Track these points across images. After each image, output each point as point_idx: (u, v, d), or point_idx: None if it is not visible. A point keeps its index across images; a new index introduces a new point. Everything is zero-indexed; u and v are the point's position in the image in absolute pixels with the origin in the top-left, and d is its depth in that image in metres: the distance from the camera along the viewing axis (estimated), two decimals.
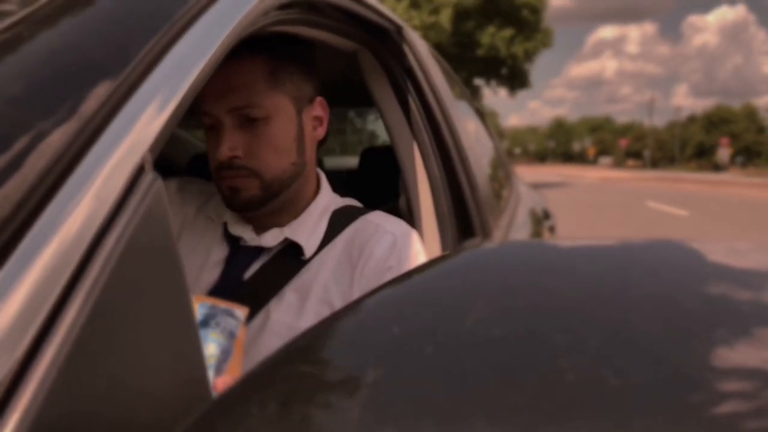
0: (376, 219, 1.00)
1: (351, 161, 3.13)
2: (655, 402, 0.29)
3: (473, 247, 0.52)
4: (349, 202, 1.06)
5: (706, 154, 76.52)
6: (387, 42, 1.27)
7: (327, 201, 1.02)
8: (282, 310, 0.92)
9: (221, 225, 1.00)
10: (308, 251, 0.95)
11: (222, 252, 0.98)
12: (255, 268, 0.95)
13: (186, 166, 1.62)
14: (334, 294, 0.93)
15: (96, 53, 0.53)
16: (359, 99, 1.83)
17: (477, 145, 1.90)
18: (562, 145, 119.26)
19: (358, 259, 0.95)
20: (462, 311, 0.37)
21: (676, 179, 33.42)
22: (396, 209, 1.36)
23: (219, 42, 0.61)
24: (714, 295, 0.39)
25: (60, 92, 0.48)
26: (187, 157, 1.71)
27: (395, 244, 0.96)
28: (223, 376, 0.71)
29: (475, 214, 1.42)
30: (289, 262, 0.95)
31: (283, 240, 0.96)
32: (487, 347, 0.34)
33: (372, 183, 1.72)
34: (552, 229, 3.30)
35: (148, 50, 0.53)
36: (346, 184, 1.65)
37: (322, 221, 0.99)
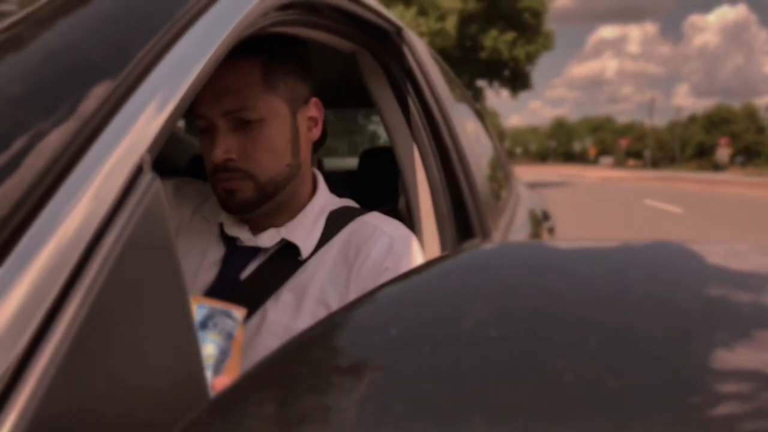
0: (374, 220, 1.00)
1: (351, 162, 3.14)
2: (655, 403, 0.29)
3: (472, 247, 0.52)
4: (347, 203, 1.05)
5: (707, 154, 76.58)
6: (386, 43, 1.27)
7: (324, 201, 1.02)
8: (279, 311, 0.92)
9: (218, 225, 1.00)
10: (305, 252, 0.95)
11: (218, 252, 0.98)
12: (252, 268, 0.95)
13: (185, 167, 1.62)
14: (330, 294, 0.93)
15: (95, 53, 0.53)
16: (358, 100, 1.83)
17: (476, 146, 1.90)
18: (563, 145, 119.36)
19: (355, 260, 0.94)
20: (461, 312, 0.37)
21: (675, 179, 33.59)
22: (395, 210, 1.37)
23: (218, 43, 0.61)
24: (713, 297, 0.39)
25: (59, 92, 0.48)
26: (186, 158, 1.71)
27: (392, 246, 0.96)
28: (221, 377, 0.71)
29: (475, 215, 1.42)
30: (286, 262, 0.95)
31: (280, 240, 0.96)
32: (486, 348, 0.34)
33: (371, 184, 1.72)
34: (551, 230, 3.30)
35: (147, 50, 0.53)
36: (346, 184, 1.65)
37: (319, 222, 0.99)
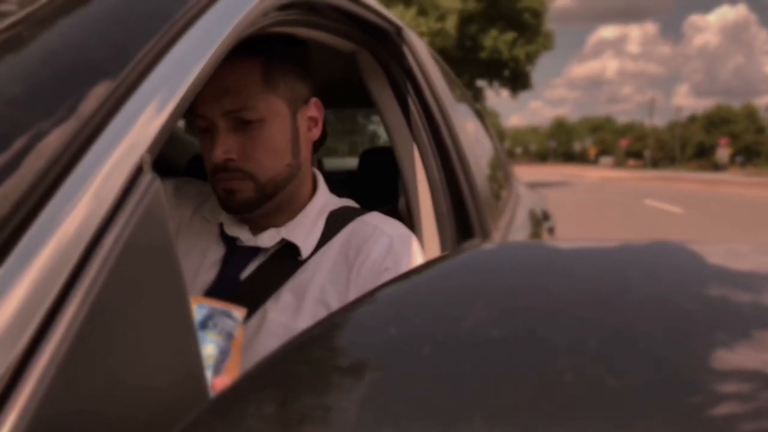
0: (374, 220, 1.00)
1: (351, 162, 3.14)
2: (655, 403, 0.29)
3: (472, 248, 0.52)
4: (346, 202, 1.05)
5: (707, 154, 76.67)
6: (386, 43, 1.27)
7: (324, 201, 1.02)
8: (279, 310, 0.92)
9: (217, 225, 1.00)
10: (305, 252, 0.95)
11: (218, 252, 0.98)
12: (252, 268, 0.95)
13: (185, 167, 1.62)
14: (330, 294, 0.93)
15: (95, 53, 0.53)
16: (358, 100, 1.83)
17: (476, 146, 1.90)
18: (563, 145, 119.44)
19: (355, 260, 0.94)
20: (461, 312, 0.37)
21: (675, 179, 33.77)
22: (395, 210, 1.36)
23: (218, 43, 0.61)
24: (713, 297, 0.39)
25: (59, 92, 0.48)
26: (186, 158, 1.71)
27: (392, 246, 0.96)
28: (221, 377, 0.71)
29: (475, 215, 1.42)
30: (286, 262, 0.95)
31: (280, 240, 0.96)
32: (486, 348, 0.34)
33: (371, 184, 1.72)
34: (551, 230, 3.30)
35: (147, 50, 0.53)
36: (346, 184, 1.65)
37: (319, 222, 0.99)
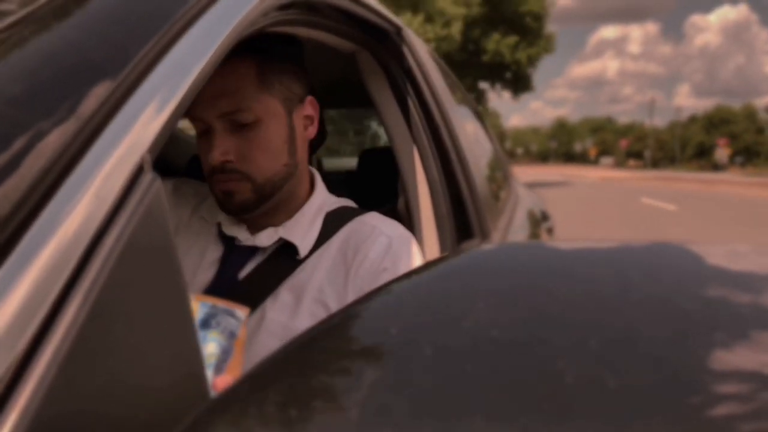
0: (372, 220, 1.00)
1: (350, 162, 3.13)
2: (655, 403, 0.29)
3: (472, 248, 0.52)
4: (345, 202, 1.05)
5: (707, 154, 76.78)
6: (386, 43, 1.27)
7: (321, 200, 1.02)
8: (277, 310, 0.92)
9: (216, 225, 1.00)
10: (303, 251, 0.95)
11: (217, 252, 0.98)
12: (250, 267, 0.95)
13: (185, 167, 1.62)
14: (328, 294, 0.93)
15: (95, 53, 0.53)
16: (358, 100, 1.82)
17: (476, 147, 1.90)
18: (564, 146, 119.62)
19: (353, 260, 0.94)
20: (461, 313, 0.37)
21: (674, 179, 34.04)
22: (394, 210, 1.36)
23: (218, 43, 0.61)
24: (713, 298, 0.39)
25: (59, 92, 0.48)
26: (186, 158, 1.71)
27: (390, 246, 0.96)
28: (223, 376, 0.71)
29: (474, 215, 1.42)
30: (284, 261, 0.95)
31: (278, 240, 0.96)
32: (486, 348, 0.34)
33: (371, 184, 1.72)
34: (550, 230, 3.30)
35: (147, 50, 0.53)
36: (345, 184, 1.65)
37: (317, 221, 0.99)
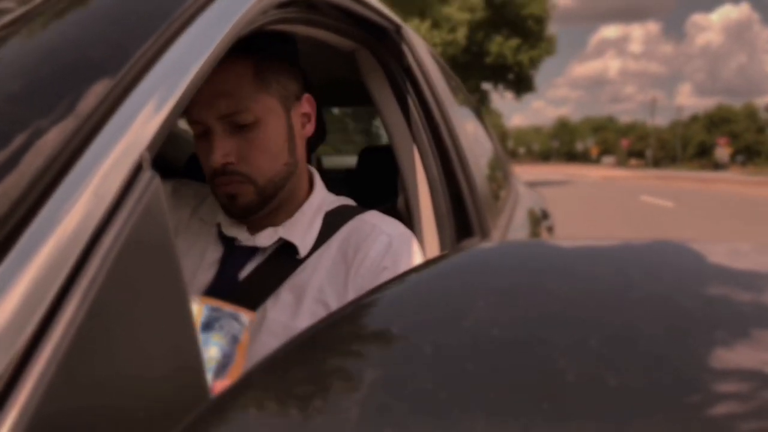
0: (372, 219, 1.00)
1: (350, 161, 3.13)
2: (655, 402, 0.29)
3: (472, 246, 0.52)
4: (344, 201, 1.05)
5: (708, 154, 76.90)
6: (386, 41, 1.27)
7: (321, 199, 1.02)
8: (278, 310, 0.92)
9: (215, 226, 1.00)
10: (303, 251, 0.95)
11: (217, 253, 0.98)
12: (250, 268, 0.95)
13: (184, 166, 1.62)
14: (328, 294, 0.93)
15: (94, 51, 0.53)
16: (357, 98, 1.82)
17: (475, 145, 1.90)
18: (566, 145, 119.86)
19: (353, 259, 0.94)
20: (461, 311, 0.37)
21: (674, 177, 34.28)
22: (394, 209, 1.36)
23: (217, 41, 0.61)
24: (714, 297, 0.39)
25: (58, 90, 0.48)
26: (185, 157, 1.71)
27: (391, 245, 0.95)
28: (223, 380, 0.71)
29: (474, 213, 1.42)
30: (284, 261, 0.95)
31: (278, 240, 0.96)
32: (487, 347, 0.34)
33: (370, 182, 1.72)
34: (550, 229, 3.30)
35: (146, 49, 0.53)
36: (345, 183, 1.65)
37: (317, 220, 0.98)
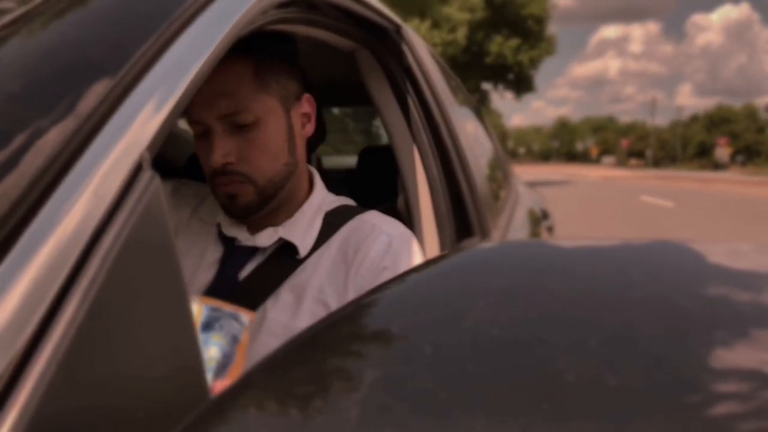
0: (372, 219, 1.00)
1: (350, 161, 3.13)
2: (655, 402, 0.29)
3: (472, 246, 0.52)
4: (344, 201, 1.05)
5: (708, 154, 76.97)
6: (386, 41, 1.27)
7: (321, 199, 1.02)
8: (278, 310, 0.92)
9: (215, 226, 1.00)
10: (303, 250, 0.95)
11: (217, 253, 0.98)
12: (250, 268, 0.95)
13: (184, 166, 1.62)
14: (328, 293, 0.92)
15: (94, 51, 0.53)
16: (357, 98, 1.82)
17: (475, 145, 1.90)
18: (566, 145, 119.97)
19: (353, 259, 0.94)
20: (461, 311, 0.37)
21: (673, 177, 34.40)
22: (394, 209, 1.36)
23: (217, 41, 0.61)
24: (714, 296, 0.39)
25: (58, 90, 0.48)
26: (185, 157, 1.71)
27: (391, 245, 0.95)
28: (223, 380, 0.71)
29: (474, 214, 1.42)
30: (284, 261, 0.95)
31: (278, 240, 0.96)
32: (487, 347, 0.34)
33: (370, 182, 1.72)
34: (550, 229, 3.30)
35: (146, 49, 0.53)
36: (345, 183, 1.65)
37: (316, 220, 0.98)
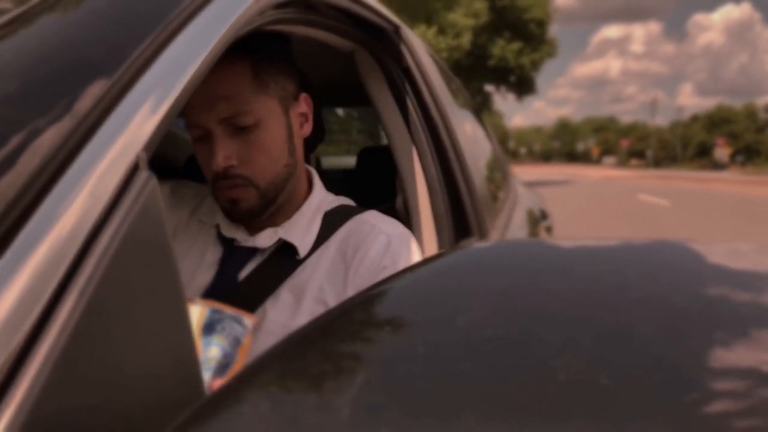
0: (372, 219, 1.00)
1: (349, 161, 3.14)
2: (653, 402, 0.28)
3: (469, 245, 0.52)
4: (343, 201, 1.05)
5: (708, 154, 77.09)
6: (384, 42, 1.27)
7: (320, 199, 1.02)
8: (278, 310, 0.92)
9: (214, 227, 1.00)
10: (302, 251, 0.95)
11: (216, 253, 0.98)
12: (249, 268, 0.95)
13: (183, 166, 1.62)
14: (328, 293, 0.93)
15: (91, 51, 0.53)
16: (356, 99, 1.82)
17: (474, 146, 1.90)
18: (567, 145, 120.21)
19: (353, 259, 0.94)
20: (457, 310, 0.37)
21: (673, 177, 34.63)
22: (393, 209, 1.36)
23: (215, 41, 0.61)
24: (712, 296, 0.38)
25: (55, 90, 0.48)
26: (184, 157, 1.71)
27: (390, 245, 0.96)
28: (223, 381, 0.71)
29: (472, 214, 1.42)
30: (284, 262, 0.95)
31: (277, 240, 0.96)
32: (483, 347, 0.34)
33: (369, 183, 1.72)
34: (549, 229, 3.30)
35: (143, 49, 0.53)
36: (344, 183, 1.65)
37: (316, 220, 0.98)
